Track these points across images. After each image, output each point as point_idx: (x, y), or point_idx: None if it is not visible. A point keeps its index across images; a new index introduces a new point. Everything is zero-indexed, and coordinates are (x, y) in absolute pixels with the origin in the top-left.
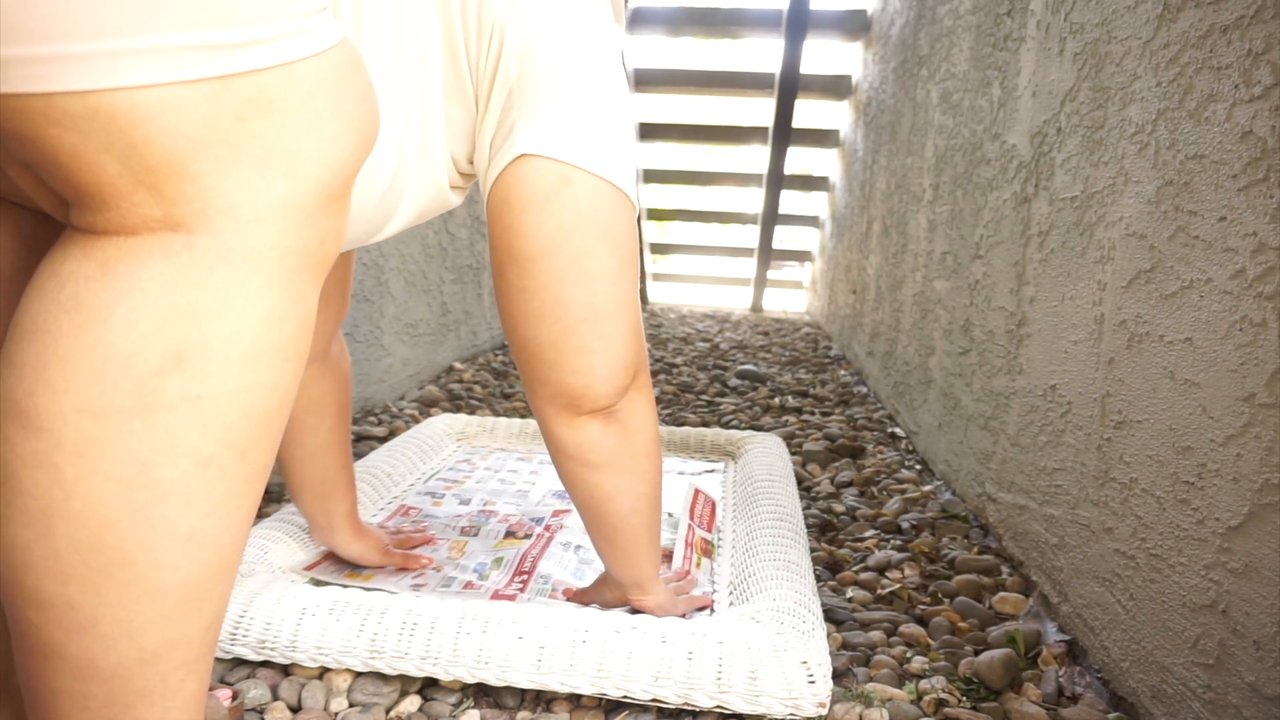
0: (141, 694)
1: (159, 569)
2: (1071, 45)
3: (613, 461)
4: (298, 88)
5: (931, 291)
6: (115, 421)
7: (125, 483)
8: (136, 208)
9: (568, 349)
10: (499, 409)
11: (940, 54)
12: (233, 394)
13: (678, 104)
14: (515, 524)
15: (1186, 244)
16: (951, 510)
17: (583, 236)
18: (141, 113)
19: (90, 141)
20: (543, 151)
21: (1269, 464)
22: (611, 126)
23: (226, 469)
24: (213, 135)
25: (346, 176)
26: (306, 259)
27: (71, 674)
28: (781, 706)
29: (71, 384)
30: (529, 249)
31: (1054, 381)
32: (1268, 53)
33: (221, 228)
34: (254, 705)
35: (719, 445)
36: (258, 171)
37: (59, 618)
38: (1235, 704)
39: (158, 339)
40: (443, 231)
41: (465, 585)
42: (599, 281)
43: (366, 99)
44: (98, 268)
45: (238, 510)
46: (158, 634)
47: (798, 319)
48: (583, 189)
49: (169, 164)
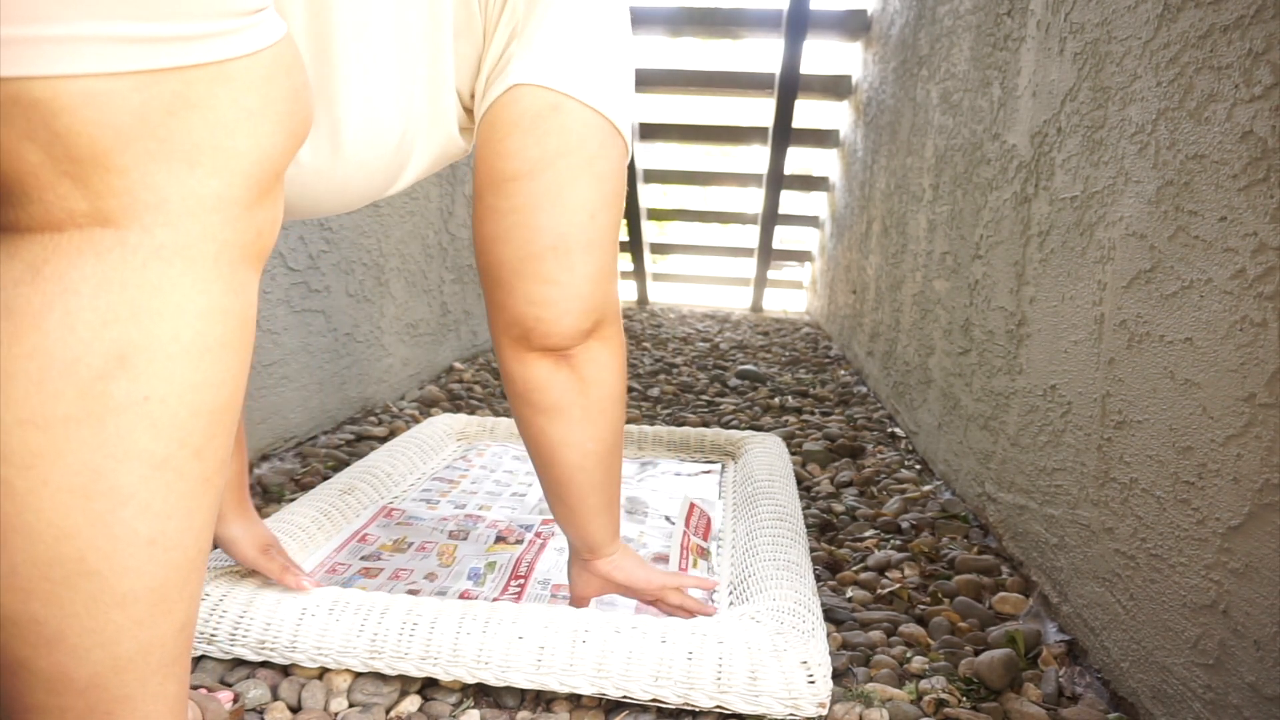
0: (120, 701)
1: (124, 576)
2: (1071, 45)
3: (560, 408)
4: (229, 85)
5: (931, 291)
6: (62, 430)
7: (80, 492)
8: (62, 200)
9: (527, 274)
10: (499, 409)
11: (940, 54)
12: (181, 393)
13: (678, 104)
14: (505, 529)
15: (1187, 244)
16: (951, 510)
17: (566, 164)
18: (64, 102)
19: (10, 129)
20: (534, 80)
21: (1269, 464)
22: (608, 62)
23: (183, 469)
24: (141, 128)
25: (278, 171)
26: (244, 251)
27: (45, 689)
28: (781, 706)
29: (11, 395)
30: (508, 169)
31: (1054, 381)
32: (1268, 53)
33: (152, 223)
34: (254, 705)
35: (719, 445)
36: (188, 166)
37: (23, 633)
38: (1235, 704)
39: (97, 342)
40: (443, 231)
41: (461, 594)
42: (576, 213)
43: (299, 98)
44: (26, 270)
45: (198, 510)
46: (130, 641)
47: (798, 319)
48: (571, 117)
49: (94, 155)
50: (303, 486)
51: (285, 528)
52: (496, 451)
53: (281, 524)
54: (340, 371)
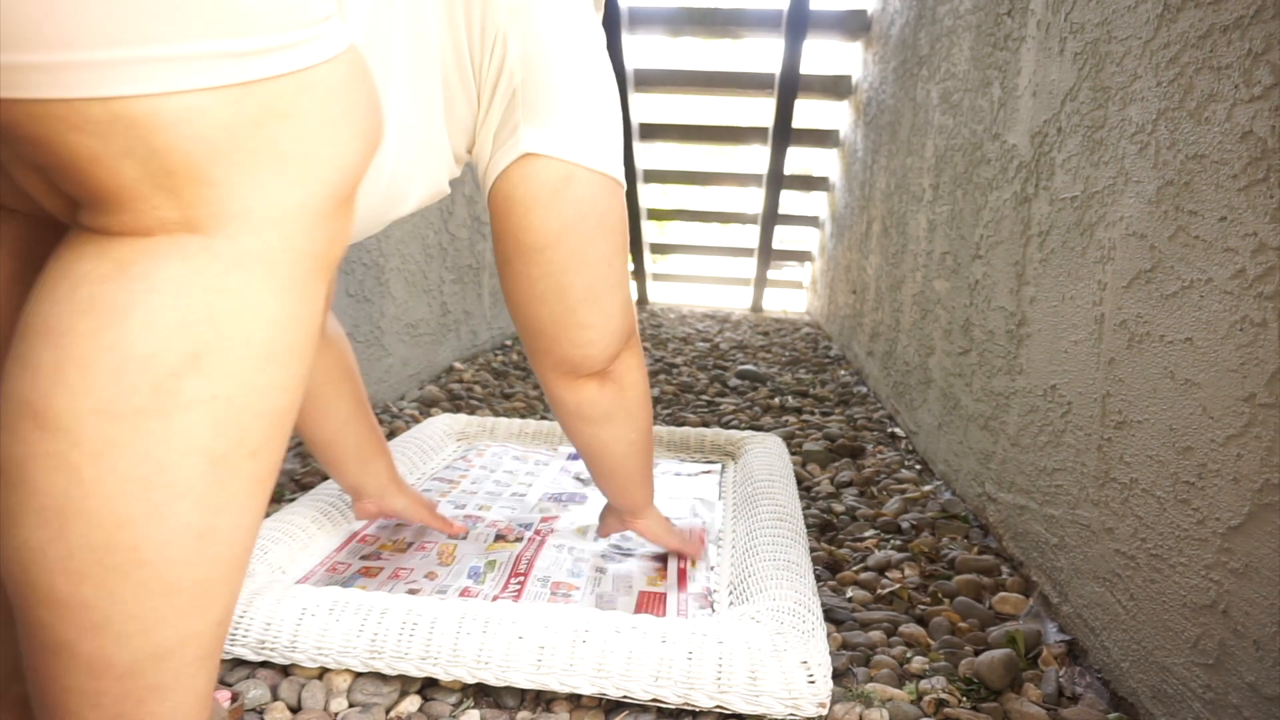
0: (154, 689)
1: (173, 566)
2: (1072, 45)
3: (609, 415)
4: (313, 93)
5: (931, 291)
6: (133, 422)
7: (142, 482)
8: (154, 210)
9: (569, 325)
10: (499, 409)
11: (940, 54)
12: (246, 394)
13: (678, 104)
14: (504, 528)
15: (1187, 244)
16: (951, 510)
17: (584, 228)
18: (164, 119)
19: (111, 146)
20: (547, 151)
21: (1269, 464)
22: (606, 123)
23: (238, 467)
24: (232, 141)
25: (356, 179)
26: (317, 261)
27: (84, 671)
28: (781, 706)
29: (89, 385)
30: (536, 241)
31: (1054, 381)
32: (1268, 53)
33: (238, 231)
34: (254, 705)
35: (719, 445)
36: (274, 175)
37: (72, 616)
38: (1235, 704)
39: (175, 340)
40: (443, 232)
41: (462, 592)
42: (597, 266)
43: (373, 103)
44: (114, 269)
45: (249, 508)
46: (172, 630)
47: (798, 319)
48: (583, 185)
49: (189, 169)
50: (303, 486)
51: (285, 528)
52: (496, 451)
53: (281, 524)
54: None
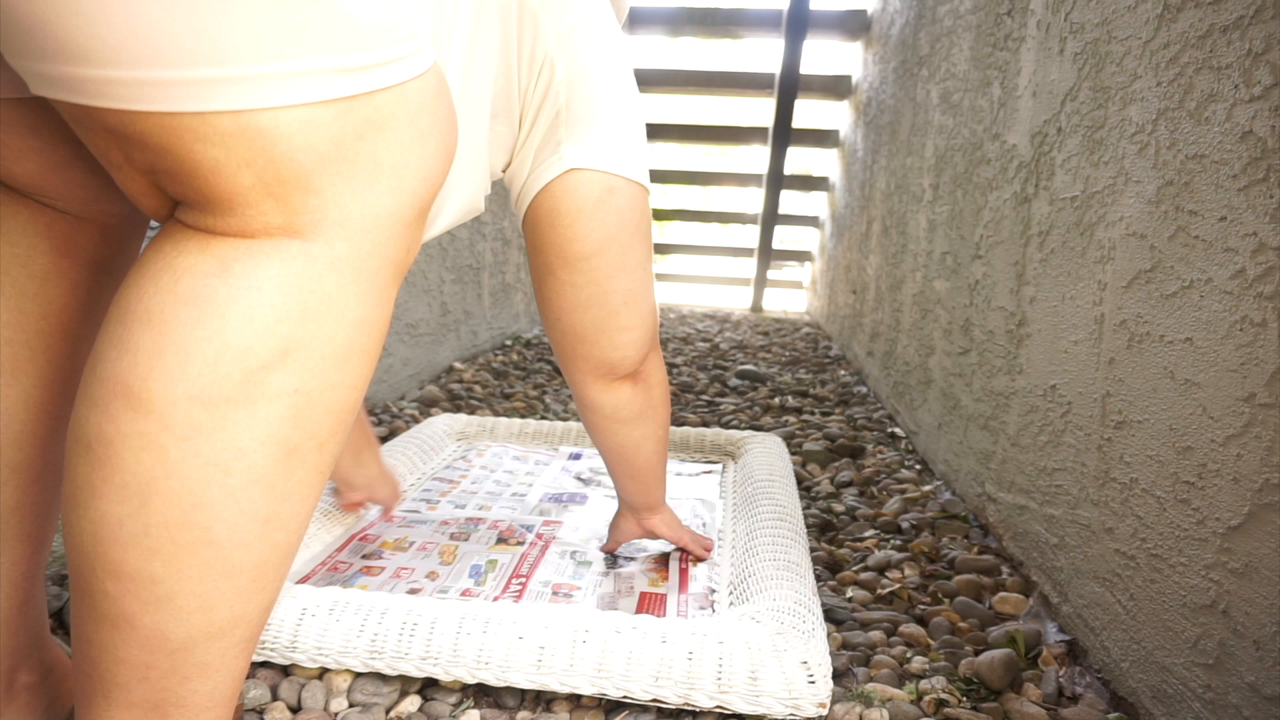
0: (201, 667)
1: (238, 548)
2: (1072, 45)
3: (641, 414)
4: (407, 106)
5: (931, 291)
6: (222, 409)
7: (222, 467)
8: (262, 215)
9: (610, 329)
10: (499, 409)
11: (940, 54)
12: (323, 390)
13: (678, 104)
14: (506, 530)
15: (1186, 244)
16: (951, 510)
17: (624, 235)
18: (284, 131)
19: (233, 155)
20: (592, 165)
21: (1269, 464)
22: (639, 135)
23: (307, 458)
24: (338, 151)
25: (436, 190)
26: (396, 267)
27: (140, 644)
28: (781, 706)
29: (186, 372)
30: (581, 250)
31: (1054, 381)
32: (1268, 53)
33: (334, 236)
34: (254, 705)
35: (719, 445)
36: (369, 185)
37: (139, 590)
38: (1235, 704)
39: (269, 336)
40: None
41: (463, 592)
42: (635, 271)
43: (452, 118)
44: (217, 264)
45: (309, 497)
46: (227, 610)
47: (798, 319)
48: (623, 196)
49: (298, 177)
50: None
51: None
52: (496, 451)
53: None
54: None
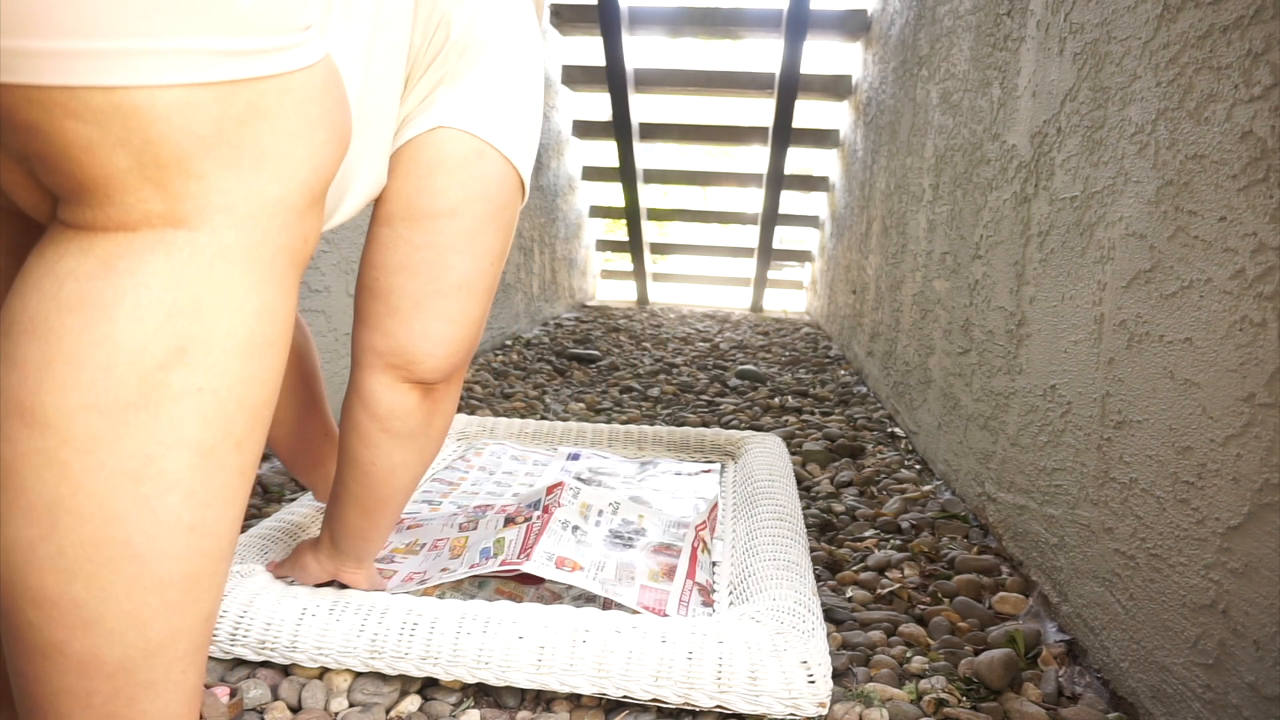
0: (146, 686)
1: (163, 560)
2: (1071, 45)
3: (412, 436)
4: (292, 96)
5: (931, 291)
6: (121, 416)
7: (131, 476)
8: (141, 203)
9: (430, 311)
10: (499, 409)
11: (940, 54)
12: (231, 386)
13: (678, 104)
14: (514, 511)
15: (1186, 244)
16: (951, 510)
17: (481, 208)
18: (160, 110)
19: (107, 135)
20: (462, 125)
21: (1269, 464)
22: (526, 119)
23: (225, 459)
24: (219, 136)
25: (328, 179)
26: (293, 256)
27: (75, 671)
28: (781, 706)
29: (79, 381)
30: (431, 207)
31: (1054, 381)
32: (1268, 53)
33: (221, 224)
34: (254, 705)
35: (719, 445)
36: (254, 172)
37: (63, 615)
38: (1235, 704)
39: (162, 334)
40: None
41: (471, 566)
42: (482, 258)
43: (344, 109)
44: (99, 265)
45: (234, 500)
46: (163, 625)
47: (798, 319)
48: (491, 166)
49: (178, 161)
50: (303, 487)
51: (285, 527)
52: (495, 451)
53: (282, 524)
54: (340, 371)
